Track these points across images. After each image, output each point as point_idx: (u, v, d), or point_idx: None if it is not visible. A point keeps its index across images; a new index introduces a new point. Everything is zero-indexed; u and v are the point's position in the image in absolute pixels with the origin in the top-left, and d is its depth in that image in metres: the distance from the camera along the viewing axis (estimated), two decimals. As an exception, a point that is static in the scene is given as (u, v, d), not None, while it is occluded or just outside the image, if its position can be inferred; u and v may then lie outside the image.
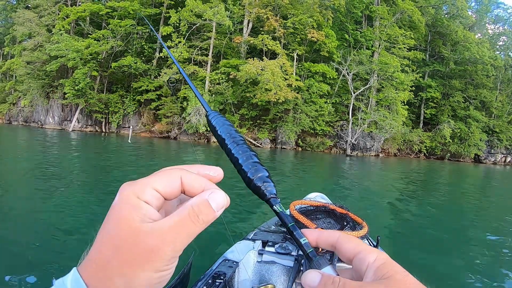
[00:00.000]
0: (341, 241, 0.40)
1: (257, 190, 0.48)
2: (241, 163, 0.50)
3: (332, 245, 0.41)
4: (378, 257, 0.36)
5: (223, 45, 27.40)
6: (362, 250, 0.38)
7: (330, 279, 0.36)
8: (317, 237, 0.42)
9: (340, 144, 28.52)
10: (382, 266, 0.35)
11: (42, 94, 31.79)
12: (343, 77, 27.93)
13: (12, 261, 3.19)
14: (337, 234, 0.41)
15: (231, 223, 4.99)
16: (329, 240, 0.41)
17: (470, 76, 33.94)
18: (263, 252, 1.61)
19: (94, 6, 29.09)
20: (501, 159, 34.60)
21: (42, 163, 9.91)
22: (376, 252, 0.37)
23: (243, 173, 0.49)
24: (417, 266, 3.86)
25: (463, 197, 10.61)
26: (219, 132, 0.54)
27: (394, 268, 0.35)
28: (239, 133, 0.54)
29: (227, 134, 0.54)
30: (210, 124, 0.57)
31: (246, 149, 0.51)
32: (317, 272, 0.37)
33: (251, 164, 0.49)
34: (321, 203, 1.69)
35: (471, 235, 5.85)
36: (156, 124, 28.71)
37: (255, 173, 0.48)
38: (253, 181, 0.48)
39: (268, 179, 0.48)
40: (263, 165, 0.50)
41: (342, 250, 0.40)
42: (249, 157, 0.50)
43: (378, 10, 29.11)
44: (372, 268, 0.36)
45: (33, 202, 5.52)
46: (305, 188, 9.09)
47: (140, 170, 9.94)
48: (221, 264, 1.53)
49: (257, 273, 1.54)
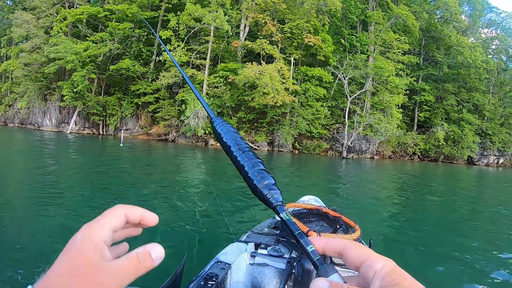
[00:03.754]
0: (348, 248, 0.40)
1: (263, 197, 0.48)
2: (247, 170, 0.50)
3: (339, 252, 0.41)
4: (386, 264, 0.36)
5: (220, 49, 27.69)
6: (369, 257, 0.38)
7: (338, 286, 0.36)
8: (324, 244, 0.42)
9: (336, 147, 28.95)
10: (389, 273, 0.35)
11: (40, 96, 31.80)
12: (339, 81, 28.37)
13: (7, 264, 3.20)
14: (344, 242, 0.41)
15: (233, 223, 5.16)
16: (336, 248, 0.41)
17: (463, 79, 34.61)
18: (256, 255, 1.61)
19: (93, 8, 29.20)
20: (494, 161, 35.30)
21: (46, 165, 10.11)
22: (383, 260, 0.37)
23: (249, 180, 0.50)
24: (410, 269, 4.02)
25: (457, 200, 10.64)
26: (224, 139, 0.57)
27: (402, 275, 0.35)
28: (244, 140, 0.57)
29: (232, 141, 0.56)
30: (215, 130, 0.61)
31: (252, 156, 0.53)
32: (325, 280, 0.38)
33: (257, 172, 0.50)
34: (314, 206, 1.69)
35: (466, 239, 5.83)
36: (153, 127, 28.89)
37: (261, 180, 0.49)
38: (259, 188, 0.48)
39: (274, 187, 0.49)
40: (269, 173, 0.51)
41: (349, 257, 0.40)
42: (255, 164, 0.51)
43: (373, 15, 29.60)
44: (379, 276, 0.35)
45: (33, 204, 5.57)
46: (302, 190, 9.31)
47: (135, 173, 10.16)
48: (213, 266, 1.52)
49: (249, 275, 1.54)
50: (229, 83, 25.65)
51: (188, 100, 24.73)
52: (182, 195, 7.21)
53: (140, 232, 0.46)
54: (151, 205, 6.09)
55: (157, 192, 7.31)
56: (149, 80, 28.75)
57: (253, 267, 1.55)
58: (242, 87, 24.71)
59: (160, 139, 28.13)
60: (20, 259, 3.39)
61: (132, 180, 8.84)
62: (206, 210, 5.94)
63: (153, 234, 4.48)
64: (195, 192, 7.57)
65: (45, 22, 31.96)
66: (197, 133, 25.10)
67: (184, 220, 5.30)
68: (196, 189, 7.92)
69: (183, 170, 11.84)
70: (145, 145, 22.66)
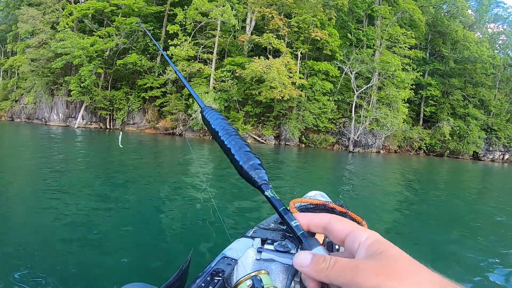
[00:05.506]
0: (332, 223, 0.40)
1: (248, 177, 0.48)
2: (233, 152, 0.51)
3: (323, 227, 0.41)
4: (370, 235, 0.36)
5: (227, 43, 27.72)
6: (353, 230, 0.37)
7: (321, 257, 0.36)
8: (309, 220, 0.42)
9: (342, 141, 29.00)
10: (374, 243, 0.34)
11: (47, 91, 31.95)
12: (345, 75, 28.36)
13: (13, 262, 3.17)
14: (328, 216, 0.41)
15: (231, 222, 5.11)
16: (321, 223, 0.41)
17: (469, 74, 34.50)
18: (262, 250, 1.60)
19: (99, 3, 29.23)
20: (499, 156, 35.26)
21: (61, 157, 10.24)
22: (367, 231, 0.37)
23: (235, 162, 0.50)
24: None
25: (464, 195, 10.53)
26: (213, 125, 0.58)
27: (388, 244, 0.34)
28: (232, 125, 0.57)
29: (220, 127, 0.56)
30: (204, 118, 0.61)
31: (238, 139, 0.53)
32: (308, 253, 0.37)
33: (243, 153, 0.51)
34: (320, 202, 1.67)
35: (472, 233, 5.75)
36: (160, 121, 29.00)
37: (247, 161, 0.50)
38: (245, 168, 0.49)
39: (259, 167, 0.49)
40: (255, 154, 0.52)
41: (334, 231, 0.39)
42: (242, 146, 0.52)
43: (380, 9, 29.52)
44: (364, 246, 0.35)
45: (42, 198, 5.51)
46: (309, 184, 9.21)
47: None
48: (219, 261, 1.50)
49: (256, 270, 1.66)
50: (236, 77, 25.70)
51: (195, 94, 24.77)
52: (187, 191, 7.18)
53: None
54: (156, 200, 6.10)
55: (162, 187, 7.28)
56: (156, 74, 28.84)
57: (260, 262, 1.55)
58: (249, 81, 24.76)
59: (167, 133, 28.25)
60: (25, 253, 3.39)
61: (138, 174, 8.84)
62: (212, 205, 5.84)
63: (160, 230, 4.54)
64: (200, 187, 7.43)
65: (51, 18, 32.02)
66: (204, 127, 25.17)
67: (190, 215, 5.30)
68: (202, 184, 7.79)
69: (187, 165, 11.85)
70: (150, 139, 22.71)
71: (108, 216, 4.99)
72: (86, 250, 3.63)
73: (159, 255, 3.59)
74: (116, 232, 4.36)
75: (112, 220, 4.84)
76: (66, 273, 3.03)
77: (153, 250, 3.76)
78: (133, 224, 4.71)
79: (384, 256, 0.32)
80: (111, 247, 3.81)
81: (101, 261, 3.37)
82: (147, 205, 5.73)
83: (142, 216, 5.14)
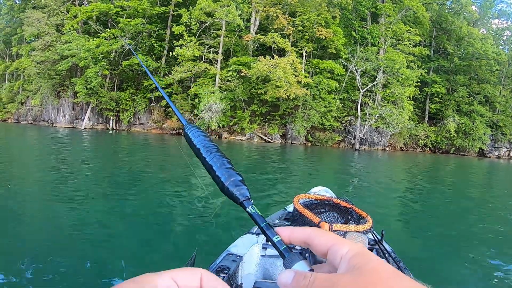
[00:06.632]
0: (313, 237, 0.39)
1: (230, 193, 0.49)
2: (215, 169, 0.52)
3: (304, 241, 0.40)
4: (351, 248, 0.35)
5: (232, 43, 27.80)
6: (335, 243, 0.37)
7: (302, 275, 0.36)
8: (290, 234, 0.42)
9: (348, 139, 29.03)
10: (354, 257, 0.34)
11: (53, 93, 32.16)
12: (350, 73, 28.37)
13: (23, 257, 3.23)
14: (309, 230, 0.40)
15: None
16: (302, 237, 0.41)
17: (474, 71, 34.37)
18: (267, 246, 1.59)
19: (104, 5, 29.38)
20: (505, 153, 35.10)
21: (69, 160, 10.34)
22: (349, 244, 0.36)
23: (217, 179, 0.51)
24: (421, 261, 3.84)
25: (470, 191, 10.51)
26: (194, 142, 0.58)
27: (368, 257, 0.34)
28: (213, 142, 0.59)
29: (201, 144, 0.57)
30: (186, 136, 0.61)
31: (219, 157, 0.54)
32: (290, 271, 0.37)
33: (224, 170, 0.51)
34: (325, 197, 1.66)
35: (478, 230, 5.71)
36: (167, 121, 29.15)
37: (228, 177, 0.50)
38: (226, 185, 0.49)
39: (240, 183, 0.50)
40: (236, 170, 0.52)
41: (315, 245, 0.39)
42: (223, 164, 0.52)
43: (384, 7, 29.51)
44: (345, 260, 0.34)
45: (51, 200, 5.58)
46: (316, 182, 9.26)
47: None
48: (224, 258, 1.51)
49: (261, 267, 1.53)
50: (241, 77, 25.78)
51: (201, 94, 24.91)
52: (191, 189, 7.25)
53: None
54: (160, 198, 6.17)
55: (166, 185, 7.35)
56: (162, 75, 28.97)
57: (265, 259, 1.55)
58: (255, 80, 24.84)
59: (174, 133, 28.38)
60: (33, 250, 3.47)
61: (144, 174, 8.92)
62: (216, 203, 5.90)
63: (165, 227, 4.62)
64: (201, 186, 7.46)
65: (56, 20, 32.21)
66: (211, 127, 25.29)
67: (195, 213, 5.35)
68: (205, 183, 7.88)
69: (190, 165, 11.90)
70: (156, 139, 22.80)
71: (113, 215, 5.08)
72: (93, 247, 3.72)
73: (164, 253, 3.64)
74: (122, 230, 4.44)
75: (117, 219, 4.94)
76: (74, 269, 3.12)
77: (158, 247, 3.82)
78: (138, 222, 4.79)
79: (365, 269, 0.32)
80: (117, 244, 3.89)
81: (107, 258, 3.45)
82: (152, 204, 5.80)
83: (147, 214, 5.21)
